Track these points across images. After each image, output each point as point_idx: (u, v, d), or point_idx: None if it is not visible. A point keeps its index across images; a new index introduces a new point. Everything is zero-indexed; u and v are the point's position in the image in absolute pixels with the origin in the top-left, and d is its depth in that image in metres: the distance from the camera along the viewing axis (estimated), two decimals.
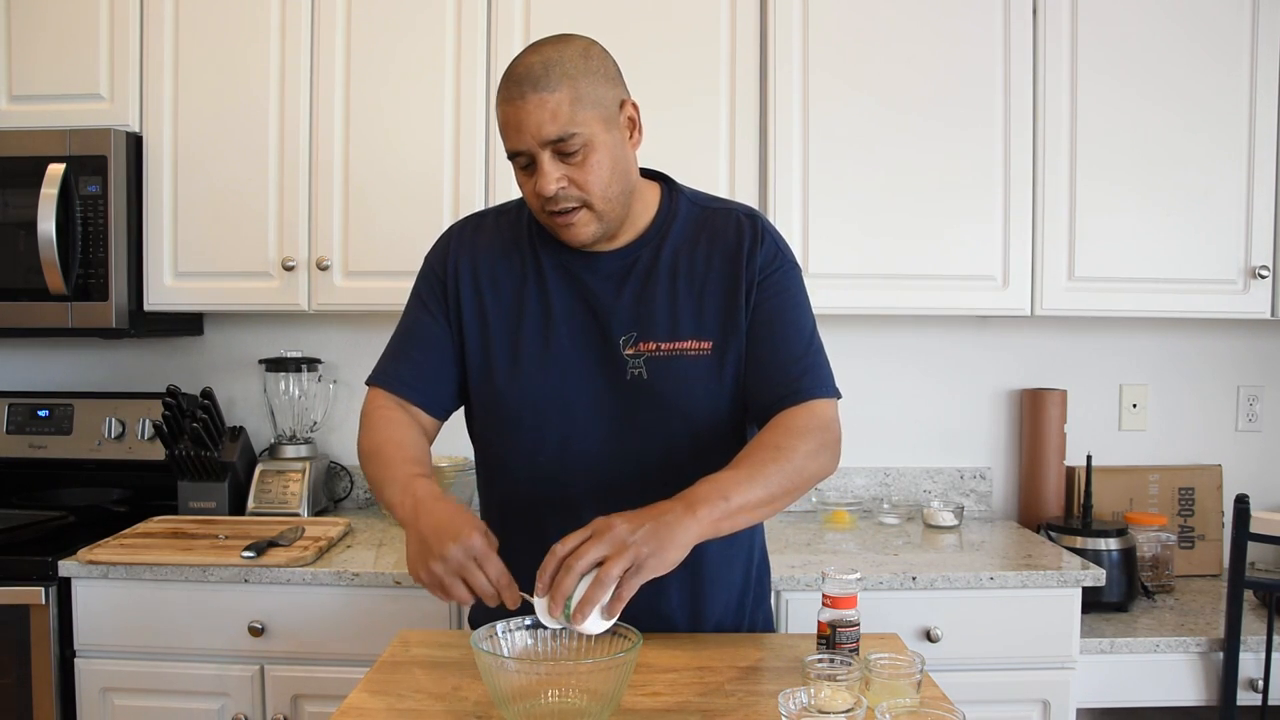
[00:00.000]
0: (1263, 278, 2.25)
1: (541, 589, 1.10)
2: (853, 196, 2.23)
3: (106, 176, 2.17)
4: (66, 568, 1.94)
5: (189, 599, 1.94)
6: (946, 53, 2.22)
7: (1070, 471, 2.47)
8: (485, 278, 1.39)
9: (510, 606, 1.13)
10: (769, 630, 1.51)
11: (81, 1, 2.24)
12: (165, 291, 2.27)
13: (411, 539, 1.18)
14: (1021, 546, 2.20)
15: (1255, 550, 2.16)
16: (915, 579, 1.94)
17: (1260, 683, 1.96)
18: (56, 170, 2.15)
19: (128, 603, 1.94)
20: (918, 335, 2.56)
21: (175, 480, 2.34)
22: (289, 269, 2.24)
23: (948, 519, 2.37)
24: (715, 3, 2.21)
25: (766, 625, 1.50)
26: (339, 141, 2.24)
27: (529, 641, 1.17)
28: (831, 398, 1.33)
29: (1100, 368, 2.58)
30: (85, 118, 2.23)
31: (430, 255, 1.45)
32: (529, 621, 1.16)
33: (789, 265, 1.38)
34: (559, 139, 1.23)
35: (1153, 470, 2.47)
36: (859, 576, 1.23)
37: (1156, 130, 2.24)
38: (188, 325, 2.53)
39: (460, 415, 1.47)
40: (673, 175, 1.45)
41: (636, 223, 1.37)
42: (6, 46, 2.26)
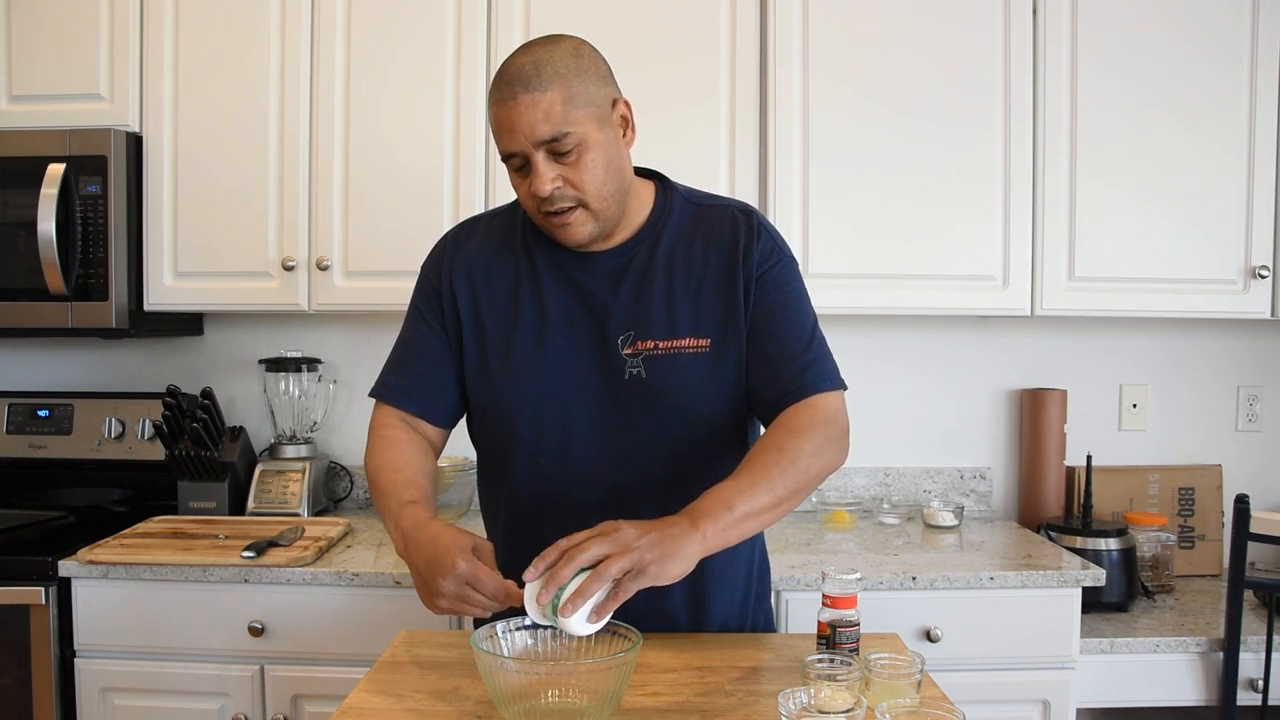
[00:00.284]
0: (1263, 278, 2.25)
1: (534, 573, 1.09)
2: (853, 197, 2.23)
3: (106, 176, 2.17)
4: (66, 568, 1.94)
5: (189, 599, 1.94)
6: (947, 54, 2.22)
7: (1070, 471, 2.47)
8: (480, 283, 1.39)
9: (518, 605, 1.13)
10: (769, 630, 1.51)
11: (81, 1, 2.24)
12: (165, 291, 2.28)
13: (413, 574, 1.20)
14: (1021, 546, 2.20)
15: (1255, 550, 2.15)
16: (915, 579, 1.94)
17: (1260, 683, 1.96)
18: (56, 170, 2.15)
19: (128, 603, 1.94)
20: (918, 335, 2.56)
21: (175, 480, 2.34)
22: (289, 269, 2.25)
23: (948, 519, 2.37)
24: (715, 5, 2.21)
25: (767, 625, 1.50)
26: (339, 142, 2.24)
27: (529, 641, 1.17)
28: (836, 389, 1.32)
29: (1100, 368, 2.58)
30: (85, 118, 2.23)
31: (425, 265, 1.45)
32: (529, 621, 1.15)
33: (786, 260, 1.38)
34: (552, 139, 1.22)
35: (1153, 470, 2.47)
36: (859, 576, 1.23)
37: (1156, 130, 2.24)
38: (188, 325, 2.53)
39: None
40: (673, 176, 1.45)
41: (632, 221, 1.37)
42: (6, 46, 2.26)
